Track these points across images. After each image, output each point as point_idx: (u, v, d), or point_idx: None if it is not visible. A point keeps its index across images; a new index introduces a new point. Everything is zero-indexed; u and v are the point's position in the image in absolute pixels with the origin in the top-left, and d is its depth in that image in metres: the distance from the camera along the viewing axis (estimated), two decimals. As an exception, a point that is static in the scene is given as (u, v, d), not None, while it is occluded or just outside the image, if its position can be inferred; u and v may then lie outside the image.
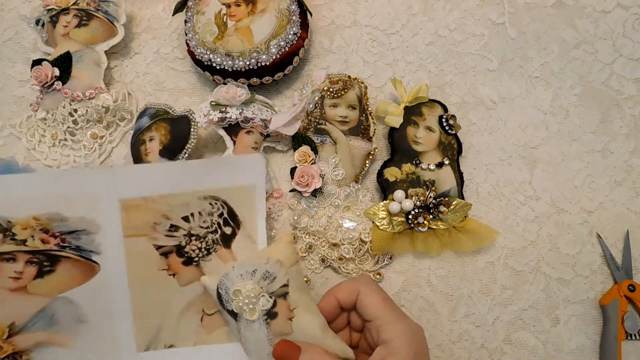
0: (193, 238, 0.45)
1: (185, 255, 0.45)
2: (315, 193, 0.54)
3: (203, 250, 0.45)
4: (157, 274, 0.45)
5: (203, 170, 0.46)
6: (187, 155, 0.54)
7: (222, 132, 0.56)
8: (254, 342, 0.42)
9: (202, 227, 0.45)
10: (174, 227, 0.45)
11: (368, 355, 0.41)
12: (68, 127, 0.59)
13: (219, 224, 0.45)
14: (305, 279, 0.49)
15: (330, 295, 0.43)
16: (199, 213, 0.45)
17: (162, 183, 0.46)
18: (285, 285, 0.43)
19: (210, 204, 0.45)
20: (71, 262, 0.44)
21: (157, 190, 0.45)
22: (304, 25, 0.60)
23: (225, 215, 0.45)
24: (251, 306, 0.41)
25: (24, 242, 0.43)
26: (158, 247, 0.45)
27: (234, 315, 0.43)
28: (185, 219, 0.45)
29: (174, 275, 0.45)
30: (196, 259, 0.45)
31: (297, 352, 0.40)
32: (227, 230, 0.45)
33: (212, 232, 0.45)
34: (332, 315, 0.44)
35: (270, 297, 0.42)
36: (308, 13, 0.61)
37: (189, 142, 0.54)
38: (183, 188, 0.46)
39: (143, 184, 0.45)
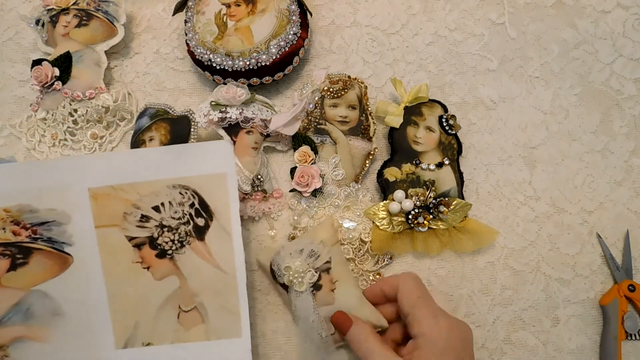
0: (165, 229, 0.44)
1: (159, 247, 0.44)
2: (315, 193, 0.54)
3: (176, 242, 0.45)
4: (131, 267, 0.44)
5: (170, 157, 0.45)
6: (187, 155, 0.54)
7: (222, 132, 0.56)
8: (302, 309, 0.48)
9: (173, 217, 0.44)
10: (144, 218, 0.44)
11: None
12: (68, 127, 0.59)
13: (190, 214, 0.45)
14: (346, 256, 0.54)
15: (377, 285, 0.49)
16: (169, 203, 0.45)
17: (130, 171, 0.44)
18: (328, 262, 0.49)
19: (180, 193, 0.45)
20: (44, 254, 0.43)
21: (125, 179, 0.45)
22: (304, 25, 0.60)
23: (197, 205, 0.45)
24: (300, 279, 0.48)
25: None
26: (130, 239, 0.44)
27: (285, 287, 0.49)
28: (156, 208, 0.44)
29: (148, 268, 0.44)
30: (169, 251, 0.44)
31: (350, 323, 0.45)
32: (200, 221, 0.45)
33: (184, 224, 0.44)
34: (375, 301, 0.49)
35: (316, 272, 0.48)
36: (308, 13, 0.61)
37: (189, 142, 0.54)
38: (151, 176, 0.45)
39: (111, 172, 0.44)
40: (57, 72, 0.58)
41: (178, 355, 0.44)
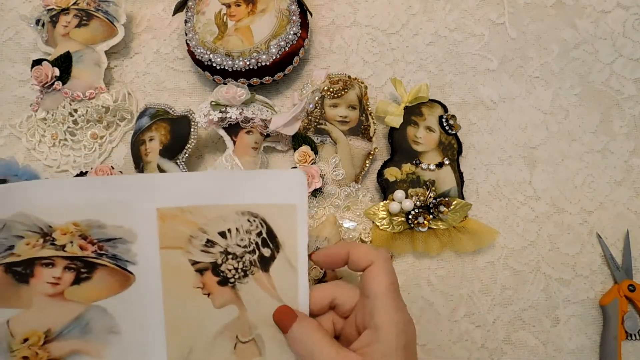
0: (230, 257, 0.43)
1: (221, 274, 0.43)
2: (315, 193, 0.54)
3: (240, 271, 0.43)
4: (192, 291, 0.43)
5: (241, 181, 0.44)
6: (187, 155, 0.54)
7: (222, 132, 0.56)
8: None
9: (239, 245, 0.43)
10: (210, 243, 0.44)
11: (349, 343, 0.40)
12: (68, 127, 0.59)
13: (257, 244, 0.43)
14: None
15: (344, 247, 0.42)
16: (237, 230, 0.44)
17: (199, 193, 0.43)
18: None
19: (249, 220, 0.43)
20: (107, 271, 0.43)
21: (194, 201, 0.44)
22: (304, 25, 0.60)
23: (264, 234, 0.43)
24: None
25: (63, 247, 0.43)
26: (194, 263, 0.44)
27: None
28: (222, 234, 0.43)
29: (208, 295, 0.44)
30: (232, 279, 0.43)
31: (293, 318, 0.40)
32: (266, 252, 0.43)
33: (249, 252, 0.43)
34: (333, 261, 0.43)
35: (321, 269, 0.49)
36: (308, 13, 0.61)
37: (189, 142, 0.54)
38: (220, 200, 0.43)
39: (180, 193, 0.43)
40: (57, 72, 0.58)
41: None
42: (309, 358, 0.38)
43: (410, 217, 0.53)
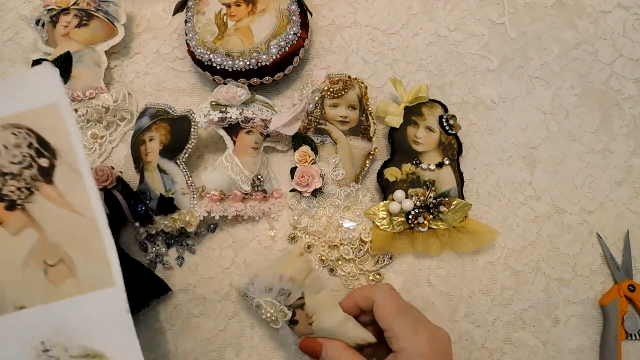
0: (7, 177, 0.39)
1: (5, 198, 0.40)
2: (316, 193, 0.54)
3: (23, 190, 0.40)
4: None
5: None
6: (187, 155, 0.54)
7: (222, 132, 0.56)
8: (283, 336, 0.49)
9: (13, 162, 0.40)
10: None
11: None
12: (68, 127, 0.59)
13: (31, 156, 0.40)
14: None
15: (351, 297, 0.47)
16: (4, 147, 0.40)
17: None
18: (301, 298, 0.46)
19: (13, 133, 0.40)
20: None
21: None
22: (304, 25, 0.60)
23: (36, 144, 0.40)
24: (273, 318, 0.46)
25: None
26: None
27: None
28: None
29: (1, 224, 0.40)
30: (19, 201, 0.40)
31: (319, 347, 0.45)
32: (43, 162, 0.40)
33: (27, 168, 0.40)
34: (352, 313, 0.47)
35: (289, 309, 0.46)
36: (308, 13, 0.61)
37: (189, 142, 0.54)
38: None
39: None
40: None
41: (56, 314, 0.40)
42: None
43: (410, 217, 0.53)
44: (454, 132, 0.57)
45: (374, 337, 0.46)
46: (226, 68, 0.57)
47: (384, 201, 0.55)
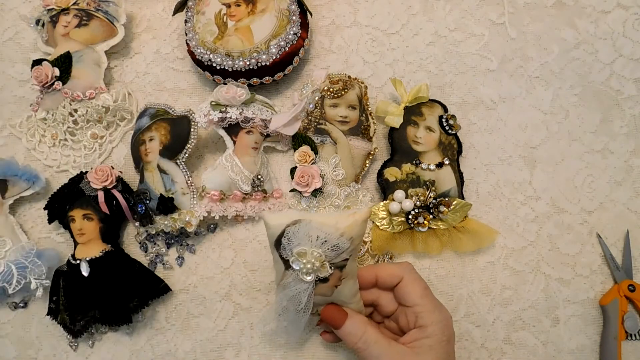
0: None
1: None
2: (316, 193, 0.54)
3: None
4: None
5: None
6: (187, 155, 0.54)
7: (222, 132, 0.56)
8: (294, 293, 0.44)
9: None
10: None
11: (388, 332, 0.46)
12: (68, 127, 0.59)
13: None
14: None
15: (371, 271, 0.46)
16: None
17: None
18: (346, 260, 0.43)
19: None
20: None
21: None
22: (304, 25, 0.60)
23: None
24: (311, 271, 0.42)
25: None
26: None
27: (287, 263, 0.43)
28: None
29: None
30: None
31: (344, 317, 0.44)
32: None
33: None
34: (364, 287, 0.47)
35: (331, 268, 0.43)
36: (308, 13, 0.61)
37: (189, 142, 0.54)
38: None
39: None
40: (57, 72, 0.58)
41: None
42: (363, 351, 0.43)
43: (410, 217, 0.53)
44: (454, 132, 0.57)
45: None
46: (226, 68, 0.57)
47: (384, 201, 0.55)
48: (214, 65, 0.57)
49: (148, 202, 0.53)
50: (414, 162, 0.55)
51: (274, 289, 0.53)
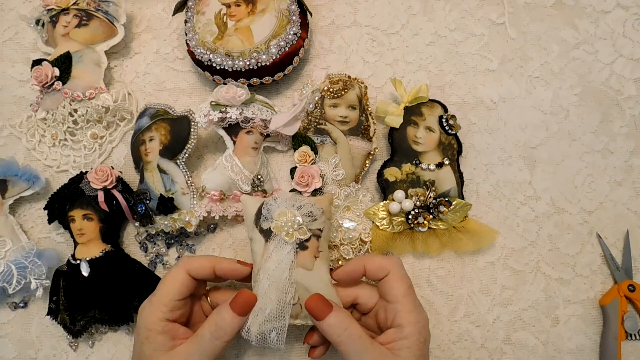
0: None
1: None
2: (315, 193, 0.54)
3: None
4: None
5: None
6: (187, 155, 0.54)
7: (222, 132, 0.56)
8: (277, 263, 0.45)
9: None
10: None
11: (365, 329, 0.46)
12: (68, 127, 0.59)
13: None
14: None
15: (360, 262, 0.46)
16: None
17: None
18: (320, 230, 0.46)
19: None
20: None
21: None
22: (304, 25, 0.60)
23: None
24: (291, 230, 0.45)
25: None
26: None
27: (267, 234, 0.46)
28: None
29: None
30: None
31: (329, 309, 0.43)
32: None
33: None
34: (352, 278, 0.47)
35: (309, 231, 0.45)
36: (308, 13, 0.61)
37: (189, 142, 0.54)
38: None
39: None
40: (57, 72, 0.58)
41: None
42: (345, 346, 0.42)
43: (410, 217, 0.53)
44: (453, 132, 0.57)
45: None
46: (226, 68, 0.57)
47: (384, 201, 0.55)
48: (214, 65, 0.57)
49: (148, 202, 0.53)
50: (414, 162, 0.55)
51: (246, 237, 0.51)
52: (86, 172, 0.55)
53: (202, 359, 0.42)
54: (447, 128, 0.56)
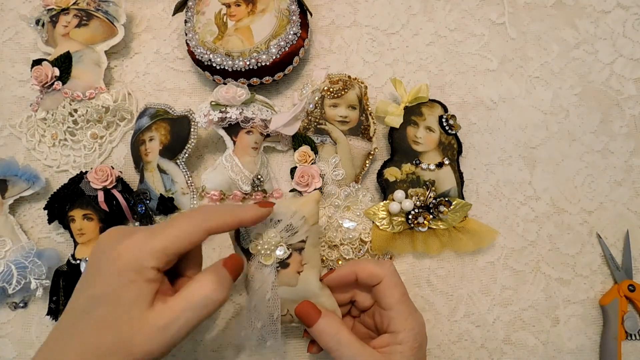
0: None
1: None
2: (315, 193, 0.54)
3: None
4: None
5: None
6: (187, 155, 0.54)
7: (222, 132, 0.56)
8: (259, 283, 0.44)
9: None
10: None
11: (363, 327, 0.47)
12: (68, 127, 0.59)
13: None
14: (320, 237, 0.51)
15: (351, 268, 0.45)
16: None
17: None
18: (303, 242, 0.45)
19: None
20: None
21: None
22: (304, 25, 0.60)
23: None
24: (268, 252, 0.44)
25: None
26: None
27: (247, 253, 0.45)
28: None
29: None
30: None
31: (318, 315, 0.43)
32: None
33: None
34: (343, 284, 0.46)
35: (288, 249, 0.44)
36: (308, 13, 0.61)
37: (189, 142, 0.54)
38: None
39: None
40: (57, 72, 0.58)
41: None
42: (336, 351, 0.42)
43: (410, 217, 0.53)
44: (453, 132, 0.57)
45: (340, 313, 0.46)
46: (226, 68, 0.57)
47: (384, 201, 0.55)
48: (214, 65, 0.57)
49: (148, 202, 0.53)
50: (414, 162, 0.55)
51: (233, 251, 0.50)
52: (86, 172, 0.55)
53: (189, 323, 0.37)
54: (447, 128, 0.56)
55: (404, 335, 0.42)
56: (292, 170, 0.55)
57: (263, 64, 0.57)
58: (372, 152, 0.57)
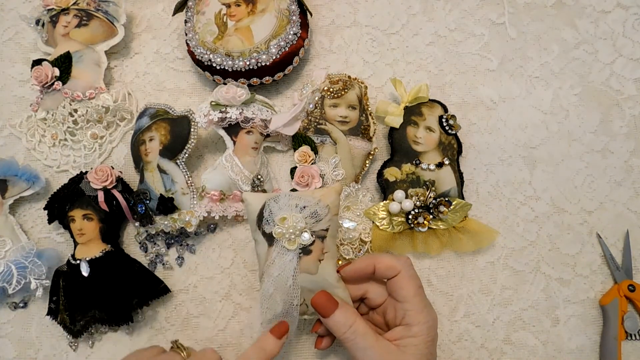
0: None
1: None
2: (315, 193, 0.54)
3: None
4: None
5: None
6: (187, 155, 0.54)
7: (222, 132, 0.56)
8: (280, 269, 0.44)
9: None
10: None
11: (372, 324, 0.47)
12: (68, 127, 0.59)
13: None
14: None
15: (370, 261, 0.46)
16: None
17: None
18: (326, 230, 0.45)
19: None
20: None
21: None
22: (304, 25, 0.60)
23: None
24: (293, 237, 0.44)
25: None
26: None
27: (270, 238, 0.45)
28: None
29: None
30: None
31: (335, 307, 0.43)
32: None
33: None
34: (360, 276, 0.46)
35: (312, 235, 0.44)
36: (308, 13, 0.61)
37: (189, 142, 0.54)
38: None
39: None
40: (57, 72, 0.58)
41: None
42: (351, 341, 0.43)
43: (410, 217, 0.53)
44: (454, 132, 0.57)
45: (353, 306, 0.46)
46: (226, 68, 0.57)
47: (384, 201, 0.55)
48: (214, 65, 0.57)
49: (148, 202, 0.53)
50: (414, 162, 0.55)
51: (251, 236, 0.50)
52: (86, 172, 0.55)
53: None
54: (447, 128, 0.56)
55: (418, 329, 0.43)
56: (292, 170, 0.55)
57: (263, 64, 0.57)
58: (372, 152, 0.57)
